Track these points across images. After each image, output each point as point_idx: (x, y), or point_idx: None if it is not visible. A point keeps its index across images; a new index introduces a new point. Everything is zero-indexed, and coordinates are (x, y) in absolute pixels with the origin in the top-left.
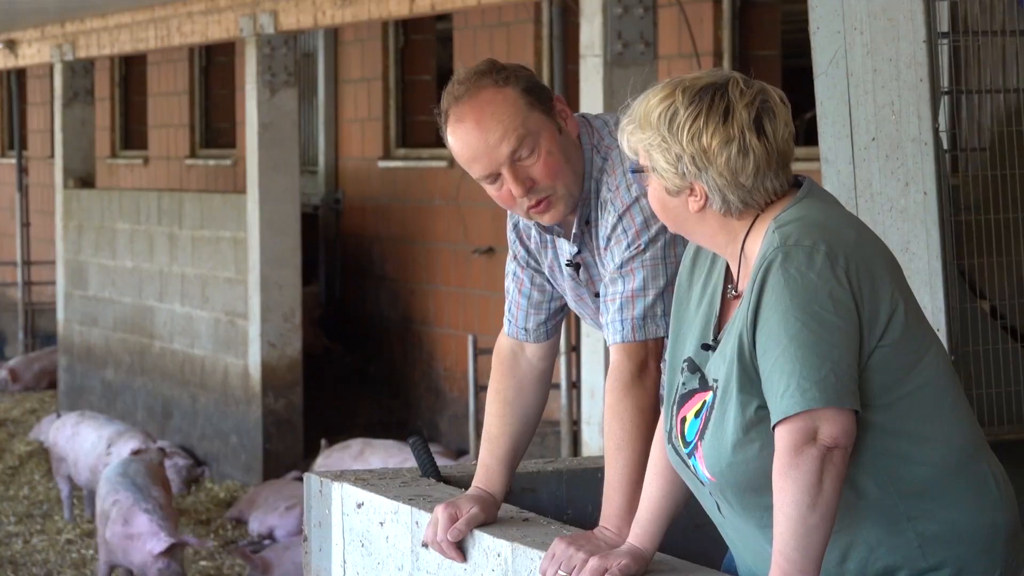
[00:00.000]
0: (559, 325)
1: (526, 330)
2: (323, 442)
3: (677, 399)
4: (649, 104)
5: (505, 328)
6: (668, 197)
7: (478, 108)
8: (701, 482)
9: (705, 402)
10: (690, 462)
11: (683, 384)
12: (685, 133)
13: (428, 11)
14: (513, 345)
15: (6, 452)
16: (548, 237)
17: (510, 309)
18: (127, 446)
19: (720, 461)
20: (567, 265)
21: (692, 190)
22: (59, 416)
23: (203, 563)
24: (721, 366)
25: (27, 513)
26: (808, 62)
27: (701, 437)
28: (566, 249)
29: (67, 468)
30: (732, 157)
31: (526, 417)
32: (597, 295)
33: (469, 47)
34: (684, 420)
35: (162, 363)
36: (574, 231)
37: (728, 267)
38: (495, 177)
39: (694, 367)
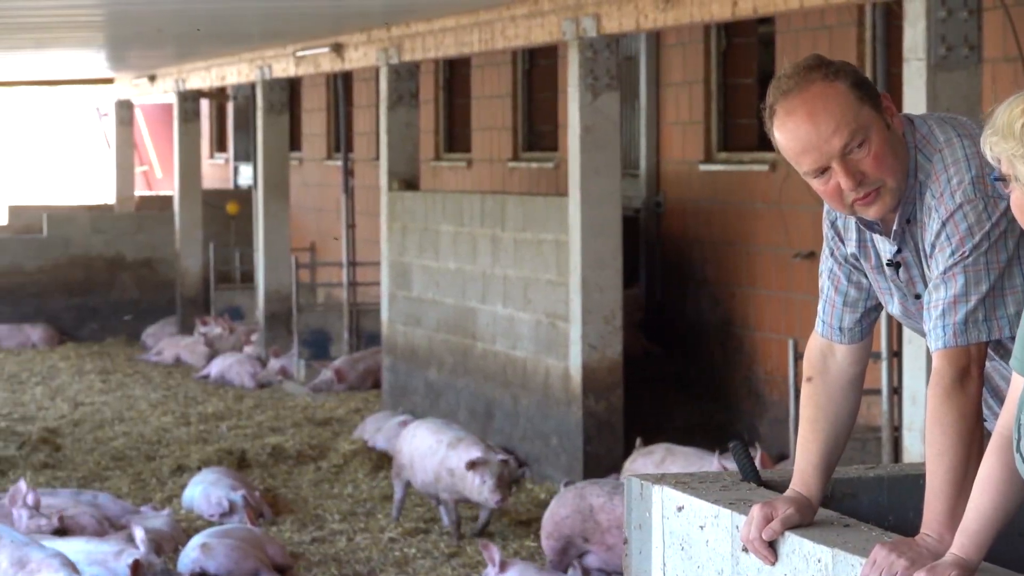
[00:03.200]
0: (872, 326)
1: (840, 330)
2: (638, 440)
3: None
4: (1012, 114)
5: (818, 328)
6: None
7: (809, 101)
8: None
9: None
10: None
11: None
12: None
13: (750, 14)
14: (824, 349)
15: (331, 451)
16: (868, 236)
17: (824, 308)
18: (466, 454)
19: None
20: (887, 264)
21: None
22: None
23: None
24: None
25: (351, 511)
26: None
27: None
28: (886, 248)
29: (408, 474)
30: None
31: (838, 422)
32: (917, 296)
33: (791, 50)
34: None
35: (484, 364)
36: (895, 228)
37: None
38: (823, 171)
39: None
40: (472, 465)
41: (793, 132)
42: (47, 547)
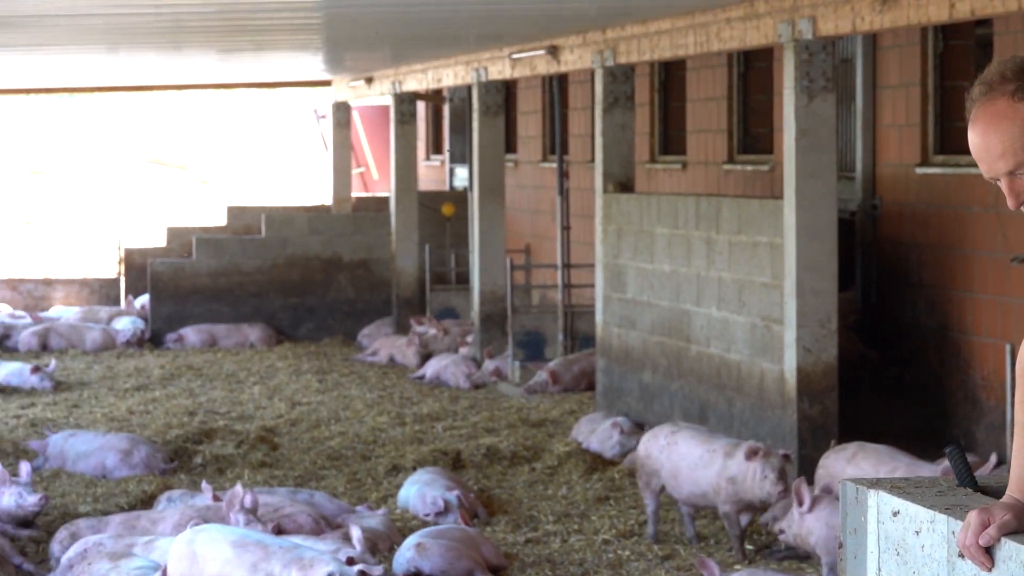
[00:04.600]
0: None
1: None
2: (832, 441)
3: None
4: None
5: None
6: None
7: (986, 119)
8: None
9: None
10: None
11: None
12: None
13: (968, 16)
14: None
15: (545, 452)
16: None
17: None
18: (732, 460)
19: None
20: None
21: None
22: (612, 422)
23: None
24: None
25: (565, 512)
26: None
27: None
28: None
29: (659, 482)
30: None
31: None
32: None
33: (1009, 52)
34: None
35: (698, 367)
36: None
37: None
38: (995, 179)
39: None
40: (753, 453)
41: (972, 141)
42: (313, 545)
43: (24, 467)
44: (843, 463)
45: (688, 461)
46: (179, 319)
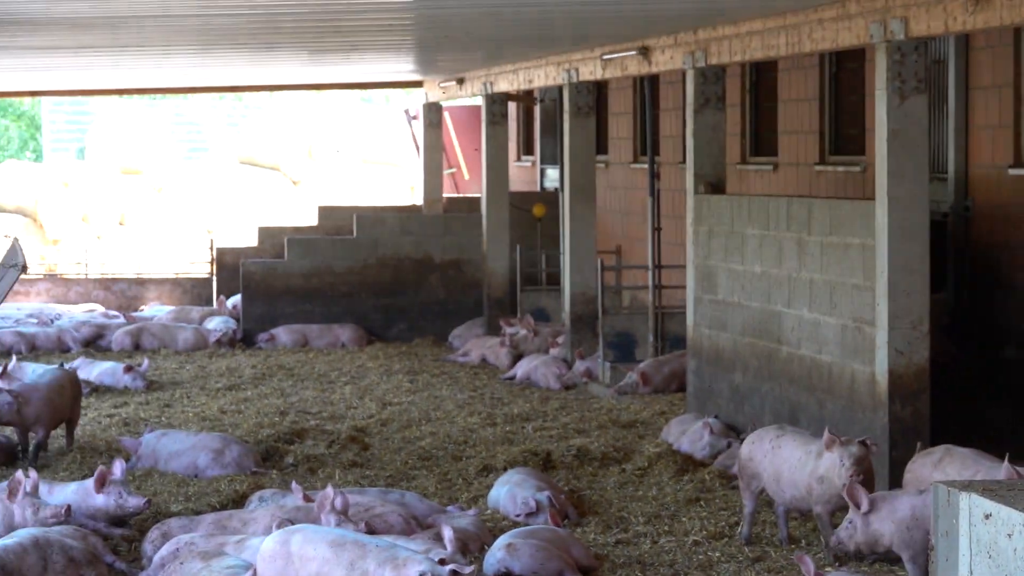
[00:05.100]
0: None
1: None
2: (919, 445)
3: None
4: None
5: None
6: None
7: None
8: None
9: None
10: None
11: None
12: None
13: None
14: None
15: (635, 453)
16: None
17: None
18: (821, 459)
19: None
20: None
21: None
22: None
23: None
24: None
25: (655, 514)
26: None
27: None
28: None
29: (759, 484)
30: None
31: None
32: None
33: None
34: None
35: (789, 368)
36: None
37: None
38: None
39: None
40: (832, 442)
41: None
42: (408, 545)
43: (118, 466)
44: (929, 467)
45: (789, 464)
46: (271, 319)
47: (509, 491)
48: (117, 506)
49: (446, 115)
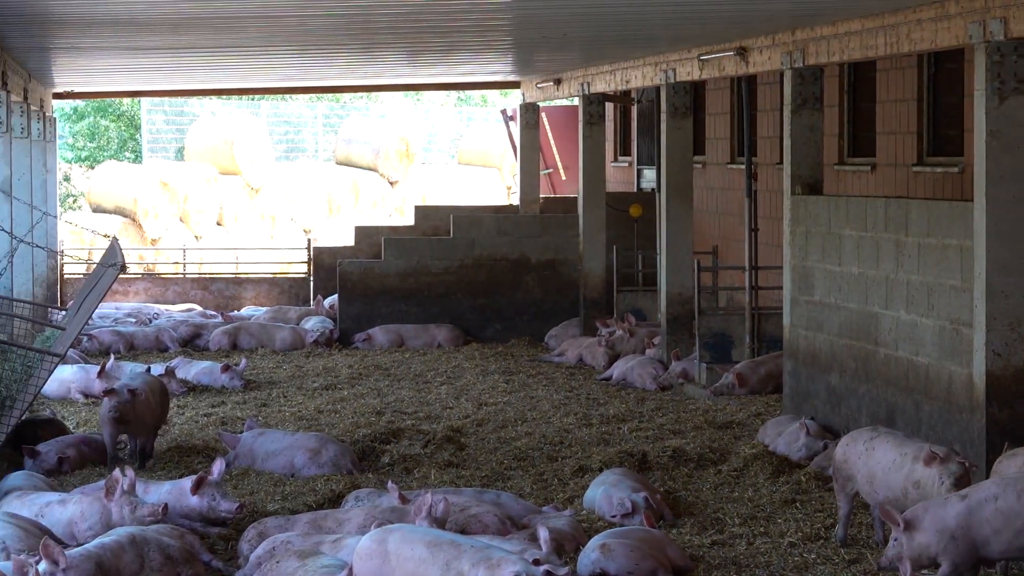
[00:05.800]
0: None
1: None
2: (1006, 444)
3: None
4: None
5: None
6: None
7: None
8: None
9: None
10: None
11: None
12: None
13: None
14: None
15: (731, 454)
16: None
17: None
18: (918, 464)
19: None
20: None
21: None
22: (800, 423)
23: None
24: None
25: (751, 515)
26: None
27: None
28: None
29: (854, 486)
30: None
31: None
32: None
33: None
34: None
35: (886, 370)
36: None
37: None
38: None
39: None
40: (931, 459)
41: None
42: (501, 545)
43: (217, 466)
44: (1015, 468)
45: (883, 466)
46: (367, 319)
47: (605, 492)
48: (210, 508)
49: (543, 116)
